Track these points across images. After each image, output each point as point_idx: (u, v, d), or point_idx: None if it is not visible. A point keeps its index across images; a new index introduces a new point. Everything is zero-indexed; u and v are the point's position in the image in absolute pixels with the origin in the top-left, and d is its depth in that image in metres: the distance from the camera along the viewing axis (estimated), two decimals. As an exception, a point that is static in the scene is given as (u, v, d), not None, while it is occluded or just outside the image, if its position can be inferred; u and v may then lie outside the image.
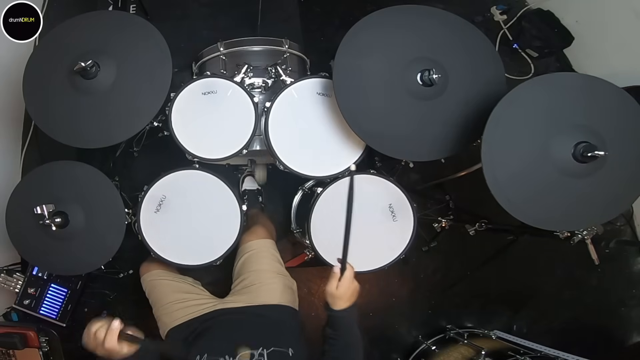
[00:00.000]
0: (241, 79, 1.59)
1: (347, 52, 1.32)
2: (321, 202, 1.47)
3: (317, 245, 1.46)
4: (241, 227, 1.45)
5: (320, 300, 2.08)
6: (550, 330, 2.14)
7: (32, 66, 1.38)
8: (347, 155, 1.49)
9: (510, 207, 1.18)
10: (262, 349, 1.09)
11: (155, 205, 1.44)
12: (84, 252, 1.41)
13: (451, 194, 1.97)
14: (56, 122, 1.36)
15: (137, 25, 1.38)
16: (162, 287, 1.46)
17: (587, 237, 1.41)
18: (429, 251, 2.10)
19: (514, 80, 2.10)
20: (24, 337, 1.69)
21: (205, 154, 1.47)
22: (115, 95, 1.34)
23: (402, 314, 2.12)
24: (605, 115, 1.19)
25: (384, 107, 1.34)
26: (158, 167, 1.50)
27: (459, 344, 1.86)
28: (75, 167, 1.42)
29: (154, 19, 2.16)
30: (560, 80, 1.22)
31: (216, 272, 1.54)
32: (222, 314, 1.34)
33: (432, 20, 1.37)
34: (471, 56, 1.36)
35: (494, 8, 2.39)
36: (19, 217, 1.40)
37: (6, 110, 1.98)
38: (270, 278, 1.43)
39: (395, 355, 2.08)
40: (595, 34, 2.20)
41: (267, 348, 1.10)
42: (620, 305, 2.21)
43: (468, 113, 1.33)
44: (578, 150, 1.13)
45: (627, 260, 2.25)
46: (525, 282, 2.17)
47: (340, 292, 1.10)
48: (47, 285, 1.83)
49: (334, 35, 2.27)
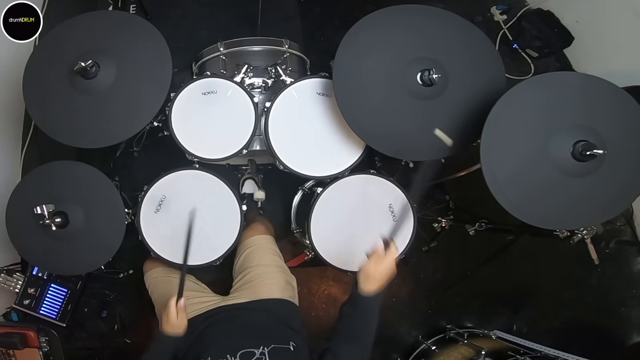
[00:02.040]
0: (241, 79, 1.59)
1: (347, 52, 1.32)
2: (321, 202, 1.47)
3: (317, 245, 1.46)
4: (241, 227, 1.45)
5: (321, 300, 2.08)
6: (550, 330, 2.14)
7: (32, 66, 1.38)
8: (347, 155, 1.49)
9: (509, 206, 1.18)
10: (262, 347, 1.09)
11: (155, 205, 1.44)
12: (84, 252, 1.41)
13: (451, 194, 1.97)
14: (56, 122, 1.36)
15: (137, 25, 1.38)
16: (166, 285, 1.46)
17: (586, 236, 1.42)
18: (429, 251, 2.10)
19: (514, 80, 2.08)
20: (24, 337, 1.68)
21: (205, 154, 1.48)
22: (115, 95, 1.34)
23: (402, 314, 2.11)
24: (605, 115, 1.19)
25: (384, 107, 1.34)
26: (158, 167, 1.50)
27: (459, 344, 1.86)
28: (75, 167, 1.42)
29: (154, 19, 2.16)
30: (560, 79, 1.22)
31: (216, 272, 1.54)
32: (225, 311, 1.34)
33: (432, 20, 1.37)
34: (471, 56, 1.36)
35: (494, 8, 2.38)
36: (19, 217, 1.40)
37: (6, 110, 1.98)
38: (272, 272, 1.43)
39: (395, 355, 2.07)
40: (595, 34, 2.20)
41: (267, 346, 1.09)
42: (620, 305, 2.21)
43: (468, 113, 1.33)
44: (577, 149, 1.13)
45: (627, 260, 2.25)
46: (525, 282, 2.17)
47: (378, 273, 1.03)
48: (47, 285, 1.83)
49: (334, 35, 2.26)
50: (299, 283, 1.53)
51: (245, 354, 1.07)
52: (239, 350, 1.07)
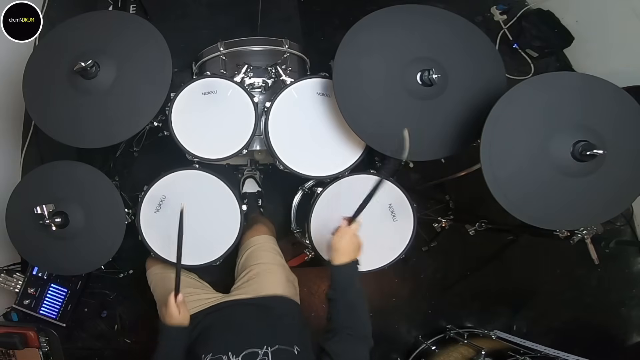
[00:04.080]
0: (241, 79, 1.59)
1: (347, 52, 1.32)
2: (321, 202, 1.47)
3: (317, 245, 1.46)
4: (241, 227, 1.45)
5: (321, 300, 2.08)
6: (550, 330, 2.14)
7: (32, 66, 1.38)
8: (347, 155, 1.49)
9: (509, 206, 1.18)
10: (266, 347, 1.07)
11: (155, 205, 1.44)
12: (84, 252, 1.41)
13: (451, 194, 1.97)
14: (56, 122, 1.36)
15: (137, 25, 1.38)
16: (168, 281, 1.45)
17: (586, 236, 1.42)
18: (429, 251, 2.10)
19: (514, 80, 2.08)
20: (24, 337, 1.68)
21: (205, 154, 1.47)
22: (115, 95, 1.34)
23: (402, 314, 2.12)
24: (605, 115, 1.19)
25: (384, 107, 1.34)
26: (158, 167, 1.50)
27: (459, 344, 1.86)
28: (75, 167, 1.42)
29: (154, 19, 2.16)
30: (560, 79, 1.22)
31: (216, 272, 1.54)
32: (227, 306, 1.35)
33: (432, 20, 1.37)
34: (471, 56, 1.36)
35: (494, 8, 2.39)
36: (19, 217, 1.40)
37: (6, 110, 1.98)
38: (273, 270, 1.44)
39: (395, 355, 2.07)
40: (595, 34, 2.20)
41: (272, 346, 1.08)
42: (620, 305, 2.21)
43: (468, 113, 1.33)
44: (577, 149, 1.13)
45: (627, 260, 2.25)
46: (525, 282, 2.17)
47: (342, 245, 1.11)
48: (47, 285, 1.83)
49: (334, 35, 2.26)
50: (299, 283, 1.53)
51: (248, 355, 1.06)
52: (241, 350, 1.06)
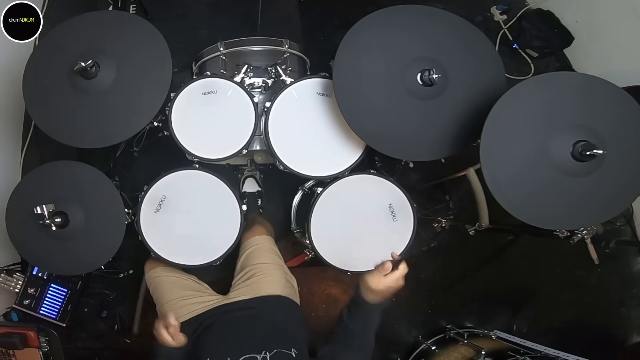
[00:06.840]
0: (241, 79, 1.59)
1: (347, 52, 1.32)
2: (321, 202, 1.47)
3: (317, 245, 1.46)
4: (241, 227, 1.45)
5: (321, 300, 2.08)
6: (550, 330, 2.14)
7: (32, 66, 1.38)
8: (347, 155, 1.49)
9: (509, 206, 1.18)
10: (264, 352, 1.07)
11: (155, 205, 1.44)
12: (84, 252, 1.41)
13: (451, 194, 1.97)
14: (56, 122, 1.36)
15: (137, 25, 1.38)
16: (167, 284, 1.46)
17: (586, 236, 1.42)
18: (429, 251, 2.10)
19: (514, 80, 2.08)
20: (24, 337, 1.68)
21: (205, 154, 1.48)
22: (115, 95, 1.34)
23: (402, 314, 2.11)
24: (605, 115, 1.19)
25: (384, 107, 1.34)
26: (158, 167, 1.50)
27: (459, 344, 1.86)
28: (75, 167, 1.42)
29: (154, 19, 2.16)
30: (560, 79, 1.22)
31: (216, 272, 1.54)
32: (226, 310, 1.34)
33: (432, 20, 1.37)
34: (471, 56, 1.36)
35: (494, 8, 2.38)
36: (19, 217, 1.40)
37: (6, 110, 1.98)
38: (271, 270, 1.43)
39: (395, 355, 2.07)
40: (595, 34, 2.20)
41: (270, 351, 1.07)
42: (620, 305, 2.21)
43: (468, 113, 1.33)
44: (577, 149, 1.13)
45: (627, 260, 2.25)
46: (525, 282, 2.16)
47: (380, 289, 1.07)
48: (47, 285, 1.83)
49: (334, 35, 2.27)
50: (299, 283, 1.53)
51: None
52: (239, 355, 1.06)
